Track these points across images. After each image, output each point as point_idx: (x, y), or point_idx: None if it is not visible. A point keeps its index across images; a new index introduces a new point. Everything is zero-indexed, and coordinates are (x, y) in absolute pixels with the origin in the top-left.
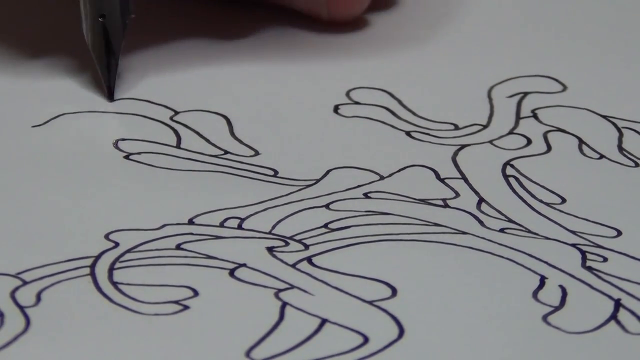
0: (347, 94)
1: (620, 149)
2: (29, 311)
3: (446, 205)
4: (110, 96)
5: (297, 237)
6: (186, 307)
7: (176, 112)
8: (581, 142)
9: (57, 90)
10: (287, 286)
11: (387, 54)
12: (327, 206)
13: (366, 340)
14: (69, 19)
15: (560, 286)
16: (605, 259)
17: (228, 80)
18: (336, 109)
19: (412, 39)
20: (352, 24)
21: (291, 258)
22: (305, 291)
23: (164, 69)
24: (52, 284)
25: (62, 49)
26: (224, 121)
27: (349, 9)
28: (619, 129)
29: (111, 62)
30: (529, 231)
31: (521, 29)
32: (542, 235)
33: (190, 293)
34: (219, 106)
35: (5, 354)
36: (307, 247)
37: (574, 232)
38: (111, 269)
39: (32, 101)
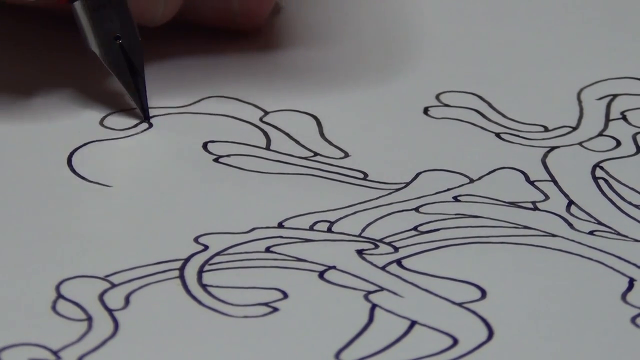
0: (437, 97)
1: None
2: (117, 314)
3: (536, 208)
4: (147, 116)
5: (387, 240)
6: (275, 310)
7: (266, 113)
8: None
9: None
10: (377, 288)
11: (476, 56)
12: (416, 209)
13: (455, 342)
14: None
15: None
16: None
17: (317, 81)
18: (426, 110)
19: (499, 41)
20: (254, 34)
21: (381, 260)
22: (394, 293)
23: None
24: (141, 287)
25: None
26: (314, 122)
27: (260, 15)
28: None
29: (139, 82)
30: (619, 234)
31: (611, 31)
32: (631, 238)
33: (280, 295)
34: (308, 106)
35: (93, 358)
36: (396, 249)
37: None
38: (200, 272)
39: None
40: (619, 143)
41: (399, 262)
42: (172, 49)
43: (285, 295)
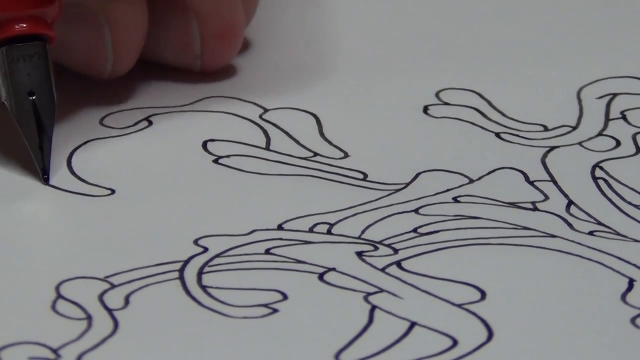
0: (437, 94)
1: None
2: (117, 314)
3: (535, 208)
4: (45, 178)
5: (387, 242)
6: (275, 311)
7: (265, 110)
8: None
9: None
10: (377, 290)
11: (476, 55)
12: (416, 211)
13: (455, 343)
14: None
15: None
16: None
17: (317, 79)
18: (426, 109)
19: (498, 40)
20: (221, 72)
21: (380, 262)
22: (394, 295)
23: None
24: (141, 287)
25: None
26: (313, 120)
27: (221, 61)
28: None
29: (44, 141)
30: (618, 234)
31: (611, 30)
32: (631, 238)
33: (280, 297)
34: (308, 105)
35: (93, 356)
36: (396, 251)
37: None
38: (200, 273)
39: None
40: (618, 143)
41: (398, 263)
42: None
43: (285, 297)
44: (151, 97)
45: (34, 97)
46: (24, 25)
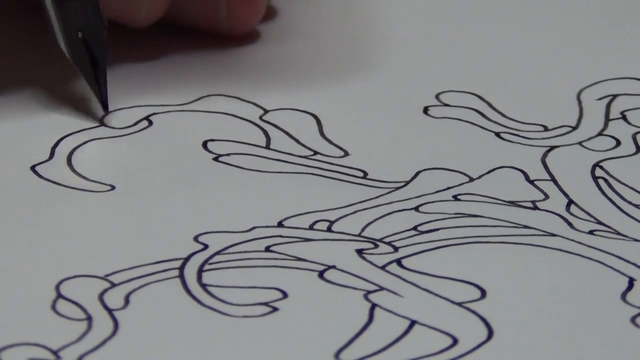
0: (437, 96)
1: None
2: (117, 314)
3: (535, 208)
4: (105, 109)
5: (387, 239)
6: (275, 309)
7: (266, 111)
8: None
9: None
10: (377, 288)
11: (476, 56)
12: (416, 209)
13: (455, 341)
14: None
15: None
16: None
17: (317, 79)
18: (426, 110)
19: (499, 41)
20: (246, 37)
21: (380, 260)
22: (394, 293)
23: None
24: (141, 286)
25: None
26: (313, 120)
27: (248, 23)
28: None
29: (99, 75)
30: (618, 233)
31: (611, 31)
32: (631, 237)
33: (280, 295)
34: (308, 105)
35: (93, 358)
36: (396, 249)
37: None
38: (200, 271)
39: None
40: (618, 142)
41: (398, 261)
42: (172, 47)
43: (285, 295)
44: (151, 96)
45: (84, 34)
46: None
